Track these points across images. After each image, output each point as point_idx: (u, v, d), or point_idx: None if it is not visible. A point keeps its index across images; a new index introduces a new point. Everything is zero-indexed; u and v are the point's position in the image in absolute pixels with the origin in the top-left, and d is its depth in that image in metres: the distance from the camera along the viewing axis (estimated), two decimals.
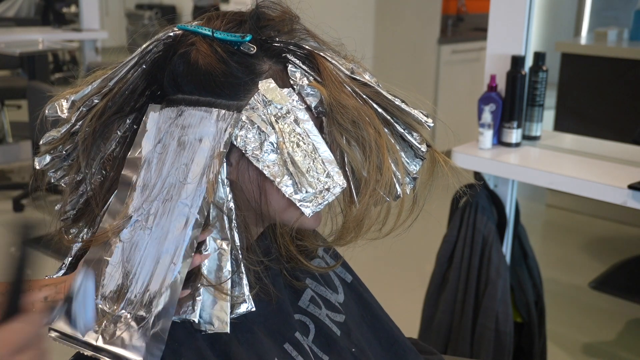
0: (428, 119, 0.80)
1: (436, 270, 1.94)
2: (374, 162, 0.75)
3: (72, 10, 5.91)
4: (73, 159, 0.81)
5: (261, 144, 0.72)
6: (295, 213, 0.75)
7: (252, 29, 0.76)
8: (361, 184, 0.76)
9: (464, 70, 4.53)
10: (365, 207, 0.76)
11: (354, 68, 0.77)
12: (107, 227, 0.72)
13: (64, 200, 0.81)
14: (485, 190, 1.88)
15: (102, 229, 0.73)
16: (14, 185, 3.98)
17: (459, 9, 5.24)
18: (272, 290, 0.81)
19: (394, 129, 0.79)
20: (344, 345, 0.88)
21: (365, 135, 0.75)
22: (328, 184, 0.73)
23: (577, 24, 4.21)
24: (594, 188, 1.63)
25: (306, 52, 0.76)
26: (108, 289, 0.70)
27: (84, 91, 0.78)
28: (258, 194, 0.75)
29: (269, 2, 0.78)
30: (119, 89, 0.77)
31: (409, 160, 0.81)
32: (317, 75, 0.75)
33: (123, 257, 0.71)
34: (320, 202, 0.73)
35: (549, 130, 2.62)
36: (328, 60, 0.76)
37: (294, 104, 0.73)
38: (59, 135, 0.79)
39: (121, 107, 0.77)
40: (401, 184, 0.80)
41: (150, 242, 0.70)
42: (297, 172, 0.72)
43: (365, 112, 0.75)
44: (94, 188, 0.79)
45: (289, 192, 0.72)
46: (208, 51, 0.73)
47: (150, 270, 0.69)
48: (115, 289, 0.70)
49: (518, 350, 1.95)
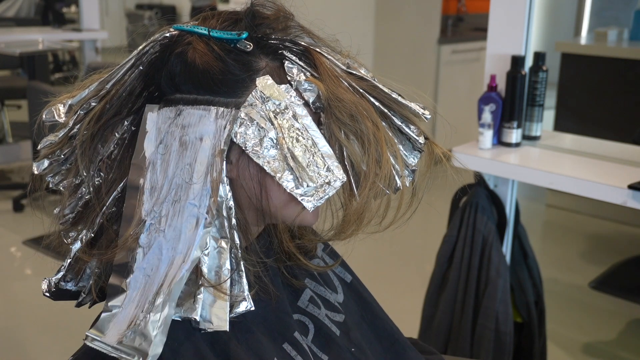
0: (425, 111, 0.80)
1: (436, 270, 1.94)
2: (372, 155, 0.75)
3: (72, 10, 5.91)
4: (71, 163, 0.81)
5: (261, 140, 0.73)
6: (296, 208, 0.75)
7: (248, 27, 0.76)
8: (361, 177, 0.77)
9: (464, 70, 4.53)
10: (365, 200, 0.76)
11: (349, 63, 0.78)
12: (127, 234, 0.73)
13: (63, 203, 0.81)
14: (485, 190, 1.88)
15: (123, 236, 0.73)
16: (14, 185, 3.98)
17: (459, 9, 5.24)
18: (271, 289, 0.81)
19: (391, 122, 0.80)
20: (343, 345, 0.88)
21: (364, 129, 0.75)
22: (328, 177, 0.73)
23: (577, 24, 4.21)
24: (594, 188, 1.63)
25: (302, 48, 0.77)
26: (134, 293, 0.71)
27: (80, 95, 0.78)
28: (259, 190, 0.75)
29: (263, 0, 0.78)
30: (116, 91, 0.77)
31: (407, 152, 0.82)
32: (314, 71, 0.76)
33: (144, 262, 0.72)
34: (322, 196, 0.73)
35: (549, 130, 2.62)
36: (324, 55, 0.77)
37: (292, 100, 0.74)
38: (57, 139, 0.79)
39: (119, 110, 0.77)
40: (400, 176, 0.80)
41: (164, 245, 0.71)
42: (298, 166, 0.72)
43: (363, 105, 0.76)
44: (93, 191, 0.79)
45: (290, 187, 0.73)
46: (205, 50, 0.73)
47: (165, 271, 0.70)
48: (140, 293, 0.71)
49: (518, 350, 1.95)
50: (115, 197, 0.77)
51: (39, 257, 2.99)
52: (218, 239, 0.73)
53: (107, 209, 0.77)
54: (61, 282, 0.80)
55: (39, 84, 3.40)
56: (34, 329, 2.51)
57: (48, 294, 0.81)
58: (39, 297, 2.70)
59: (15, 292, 2.83)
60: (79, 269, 0.79)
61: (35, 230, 3.21)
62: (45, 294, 0.81)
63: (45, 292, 0.80)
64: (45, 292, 0.80)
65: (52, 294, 0.81)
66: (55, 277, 0.80)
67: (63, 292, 0.81)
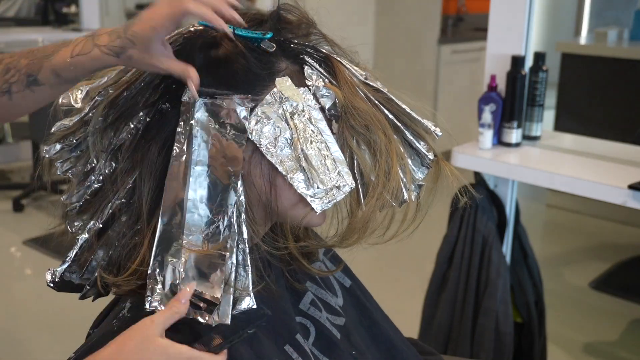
0: (436, 129, 0.82)
1: (436, 270, 1.94)
2: (382, 167, 0.76)
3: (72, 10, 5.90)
4: (82, 150, 0.81)
5: (276, 138, 0.74)
6: (304, 209, 0.76)
7: (272, 29, 0.77)
8: (369, 187, 0.78)
9: (464, 70, 4.52)
10: (371, 209, 0.77)
11: (367, 75, 0.79)
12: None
13: (70, 191, 0.81)
14: (485, 190, 1.88)
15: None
16: (14, 185, 3.98)
17: (459, 9, 5.23)
18: (274, 288, 0.81)
19: (403, 135, 0.81)
20: (344, 348, 0.88)
21: (376, 139, 0.76)
22: (339, 182, 0.74)
23: (577, 24, 4.21)
24: (594, 188, 1.63)
25: (323, 55, 0.78)
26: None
27: (99, 82, 0.79)
28: (269, 188, 0.76)
29: (288, 5, 0.80)
30: (135, 80, 0.78)
31: (415, 167, 0.83)
32: (333, 79, 0.77)
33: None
34: (330, 199, 0.75)
35: (549, 130, 2.62)
36: (343, 64, 0.78)
37: (309, 103, 0.75)
38: (71, 124, 0.80)
39: (135, 100, 0.77)
40: (407, 189, 0.81)
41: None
42: (310, 168, 0.73)
43: (377, 117, 0.77)
44: (105, 179, 0.79)
45: (300, 187, 0.74)
46: (228, 45, 0.74)
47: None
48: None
49: (518, 350, 1.95)
50: (127, 188, 0.77)
51: (39, 257, 2.99)
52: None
53: (118, 199, 0.77)
54: (66, 273, 0.80)
55: None
56: (34, 329, 2.51)
57: (52, 285, 0.81)
58: (39, 297, 2.71)
59: (15, 292, 2.82)
60: (84, 261, 0.80)
61: (35, 230, 3.21)
62: (49, 284, 0.81)
63: (49, 283, 0.81)
64: (49, 283, 0.81)
65: (56, 285, 0.81)
66: (60, 268, 0.80)
67: (67, 283, 0.81)
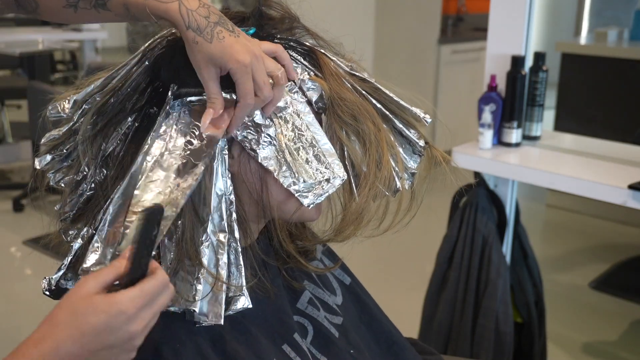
0: (426, 115, 0.81)
1: (436, 270, 1.94)
2: (373, 156, 0.76)
3: None
4: (73, 159, 0.81)
5: (260, 135, 0.73)
6: (295, 204, 0.76)
7: (255, 25, 0.77)
8: (360, 177, 0.77)
9: (464, 70, 4.52)
10: (364, 200, 0.77)
11: (352, 65, 0.79)
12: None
13: (63, 200, 0.81)
14: (485, 190, 1.88)
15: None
16: (14, 185, 3.98)
17: (459, 9, 5.23)
18: (270, 288, 0.81)
19: (392, 124, 0.80)
20: (342, 347, 0.88)
21: (365, 129, 0.76)
22: (327, 175, 0.74)
23: (577, 24, 4.21)
24: (594, 188, 1.63)
25: (307, 48, 0.78)
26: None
27: (86, 90, 0.79)
28: (259, 185, 0.76)
29: (270, 1, 0.79)
30: (121, 86, 0.77)
31: (407, 156, 0.82)
32: (318, 71, 0.77)
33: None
34: (321, 193, 0.74)
35: (549, 130, 2.62)
36: (328, 56, 0.78)
37: (295, 97, 0.74)
38: (60, 134, 0.80)
39: (123, 106, 0.77)
40: (400, 178, 0.81)
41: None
42: (295, 163, 0.73)
43: (365, 106, 0.77)
44: (97, 186, 0.79)
45: (287, 183, 0.74)
46: None
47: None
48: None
49: (518, 350, 1.95)
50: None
51: (39, 257, 2.99)
52: (216, 232, 0.73)
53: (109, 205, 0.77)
54: (61, 281, 0.80)
55: (39, 84, 3.40)
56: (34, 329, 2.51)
57: (48, 293, 0.81)
58: (39, 297, 2.69)
59: (15, 292, 2.82)
60: (79, 267, 0.79)
61: (35, 230, 3.21)
62: (45, 292, 0.81)
63: (45, 291, 0.80)
64: (45, 291, 0.80)
65: (52, 293, 0.81)
66: (55, 276, 0.80)
67: (63, 291, 0.81)
